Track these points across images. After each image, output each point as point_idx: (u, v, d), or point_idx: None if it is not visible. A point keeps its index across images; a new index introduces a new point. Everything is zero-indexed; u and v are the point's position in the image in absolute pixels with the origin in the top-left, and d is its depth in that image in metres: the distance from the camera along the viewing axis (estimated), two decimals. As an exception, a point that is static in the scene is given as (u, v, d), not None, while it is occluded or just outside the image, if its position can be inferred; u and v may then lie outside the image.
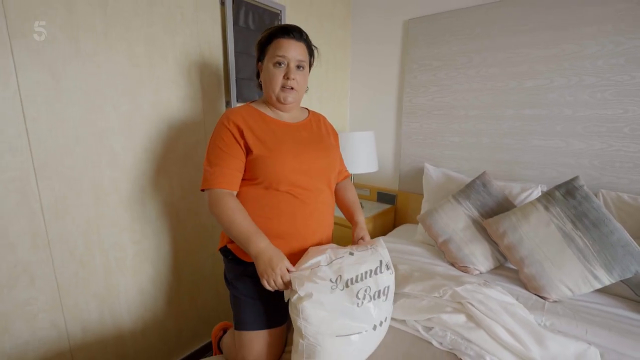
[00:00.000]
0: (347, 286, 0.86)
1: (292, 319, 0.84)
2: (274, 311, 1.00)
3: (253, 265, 1.00)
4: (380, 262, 0.93)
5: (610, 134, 1.46)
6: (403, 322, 1.05)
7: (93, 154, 1.13)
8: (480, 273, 1.39)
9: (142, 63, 1.21)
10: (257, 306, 1.00)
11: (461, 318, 0.97)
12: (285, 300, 0.91)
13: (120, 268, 1.26)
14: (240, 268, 1.02)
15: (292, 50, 0.99)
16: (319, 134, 1.13)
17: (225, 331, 1.25)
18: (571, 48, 1.48)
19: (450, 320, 0.97)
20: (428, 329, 1.01)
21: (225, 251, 1.07)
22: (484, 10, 1.68)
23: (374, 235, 1.93)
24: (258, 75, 1.11)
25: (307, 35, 1.05)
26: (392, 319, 1.06)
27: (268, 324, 0.99)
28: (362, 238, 1.07)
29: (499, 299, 1.02)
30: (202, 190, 0.99)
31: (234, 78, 1.51)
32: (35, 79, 0.98)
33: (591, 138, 1.50)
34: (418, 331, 1.01)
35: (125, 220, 1.25)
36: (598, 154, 1.49)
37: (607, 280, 1.13)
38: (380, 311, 0.90)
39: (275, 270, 0.86)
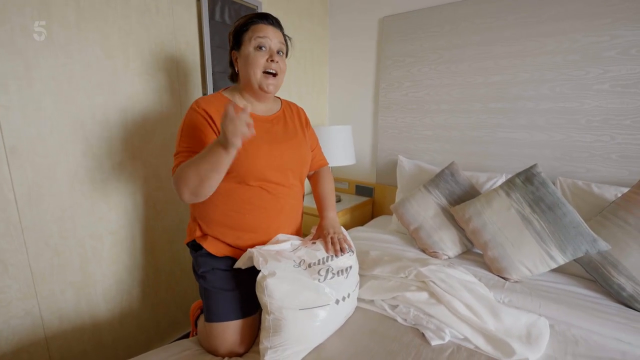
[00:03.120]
0: (309, 267, 0.91)
1: (258, 297, 0.88)
2: (246, 300, 1.00)
3: (224, 260, 1.03)
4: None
5: (569, 125, 1.55)
6: (371, 302, 1.11)
7: (68, 144, 1.14)
8: (449, 258, 1.46)
9: (117, 55, 1.23)
10: (228, 297, 0.99)
11: (424, 295, 1.03)
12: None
13: (96, 257, 1.27)
14: (212, 262, 1.02)
15: (272, 35, 1.00)
16: (293, 127, 1.13)
17: (202, 310, 1.26)
18: (532, 45, 1.57)
19: (414, 298, 1.03)
20: (393, 307, 1.06)
21: (194, 245, 1.07)
22: (452, 8, 1.75)
23: (351, 227, 1.99)
24: (231, 64, 1.07)
25: (281, 24, 1.06)
26: (361, 299, 1.11)
27: (240, 314, 0.99)
28: (331, 237, 1.03)
29: (459, 278, 1.09)
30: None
31: (211, 71, 1.54)
32: (6, 68, 0.99)
33: (552, 130, 1.59)
34: (385, 310, 1.07)
35: (101, 210, 1.26)
36: (558, 145, 1.58)
37: (561, 259, 1.21)
38: (342, 286, 0.95)
39: (229, 126, 0.77)
